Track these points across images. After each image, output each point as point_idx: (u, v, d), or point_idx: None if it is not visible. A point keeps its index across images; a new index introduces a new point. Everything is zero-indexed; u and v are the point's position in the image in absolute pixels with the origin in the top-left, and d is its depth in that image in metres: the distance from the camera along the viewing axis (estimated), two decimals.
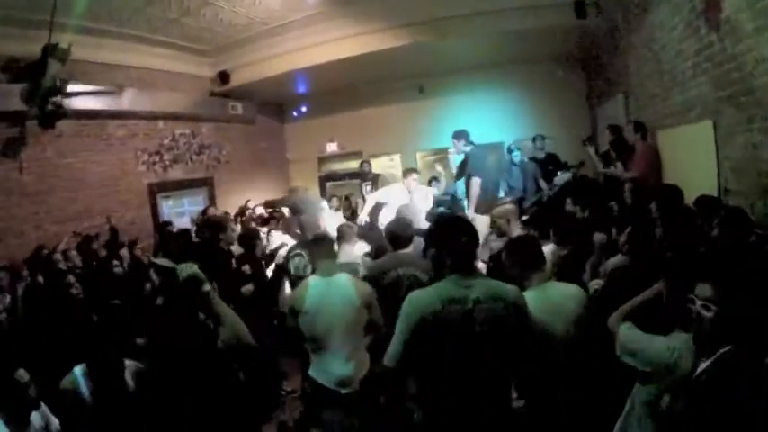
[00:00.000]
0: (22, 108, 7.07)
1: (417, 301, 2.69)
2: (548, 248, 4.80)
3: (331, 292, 3.80)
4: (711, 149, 5.35)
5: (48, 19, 6.45)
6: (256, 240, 6.49)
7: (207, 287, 2.80)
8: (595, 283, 4.19)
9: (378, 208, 7.75)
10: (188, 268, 2.79)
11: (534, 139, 9.74)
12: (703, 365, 2.28)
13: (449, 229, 2.89)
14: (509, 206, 5.28)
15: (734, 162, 5.02)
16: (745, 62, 4.44)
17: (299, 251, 5.02)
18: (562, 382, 3.04)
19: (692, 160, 5.84)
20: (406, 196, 7.69)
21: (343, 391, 3.74)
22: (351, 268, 4.65)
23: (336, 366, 3.78)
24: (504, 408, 2.78)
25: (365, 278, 4.36)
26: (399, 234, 4.60)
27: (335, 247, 4.68)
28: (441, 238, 2.98)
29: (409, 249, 4.62)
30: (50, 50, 6.85)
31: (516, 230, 4.86)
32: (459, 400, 2.62)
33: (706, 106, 5.39)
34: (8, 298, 5.46)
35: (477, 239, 2.91)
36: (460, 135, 8.21)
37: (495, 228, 5.09)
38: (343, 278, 3.93)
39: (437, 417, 2.69)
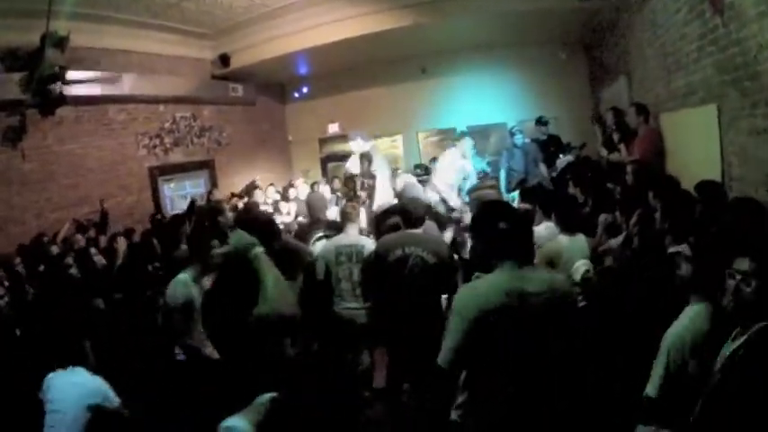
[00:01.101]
0: (21, 97, 7.04)
1: (472, 297, 2.54)
2: (542, 226, 4.83)
3: None
4: (715, 134, 5.31)
5: (43, 8, 6.39)
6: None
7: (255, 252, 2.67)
8: (583, 264, 4.21)
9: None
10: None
11: (537, 121, 9.67)
12: (740, 340, 2.32)
13: (490, 216, 2.68)
14: (489, 191, 5.31)
15: (737, 147, 4.98)
16: (749, 47, 4.39)
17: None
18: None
19: (696, 144, 5.79)
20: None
21: None
22: (356, 249, 4.79)
23: None
24: (565, 401, 2.64)
25: (372, 255, 4.47)
26: (411, 212, 4.60)
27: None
28: (481, 226, 2.78)
29: (419, 230, 4.60)
30: (48, 38, 6.79)
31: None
32: (518, 396, 2.51)
33: (710, 90, 5.34)
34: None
35: (522, 226, 2.70)
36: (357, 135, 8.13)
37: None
38: None
39: (492, 414, 2.58)
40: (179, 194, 10.59)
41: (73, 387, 3.67)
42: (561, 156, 8.74)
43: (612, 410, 3.03)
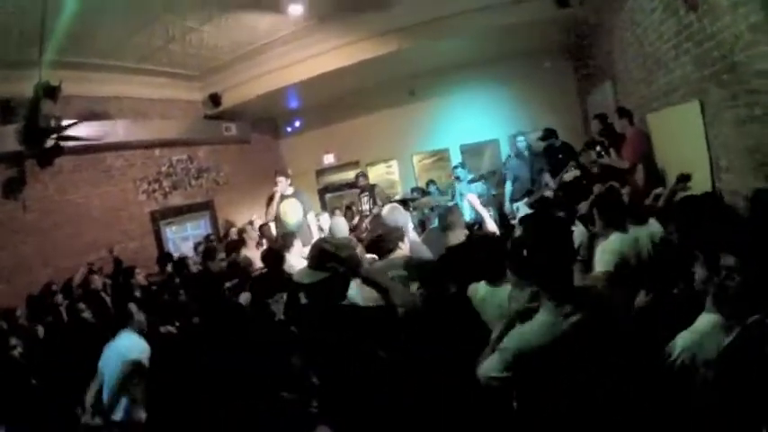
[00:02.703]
0: (18, 148, 7.14)
1: (518, 339, 2.53)
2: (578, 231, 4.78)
3: None
4: (700, 129, 5.38)
5: (35, 59, 6.52)
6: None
7: None
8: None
9: None
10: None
11: (545, 135, 9.59)
12: (731, 336, 2.34)
13: (534, 238, 2.63)
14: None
15: (723, 139, 5.05)
16: (725, 39, 4.48)
17: None
18: None
19: (683, 141, 5.87)
20: None
21: None
22: None
23: None
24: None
25: None
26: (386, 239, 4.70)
27: None
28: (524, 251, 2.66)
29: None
30: (41, 89, 6.91)
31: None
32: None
33: (690, 86, 5.43)
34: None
35: (569, 250, 2.64)
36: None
37: None
38: None
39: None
40: (180, 236, 10.65)
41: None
42: (566, 170, 8.60)
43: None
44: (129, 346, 4.66)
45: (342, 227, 6.28)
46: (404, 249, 4.69)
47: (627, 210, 4.42)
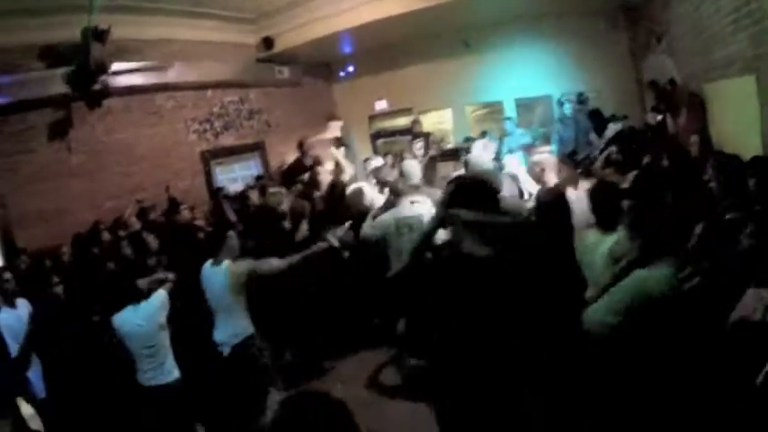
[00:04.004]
0: (64, 91, 7.32)
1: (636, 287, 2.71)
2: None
3: None
4: (755, 104, 5.27)
5: (82, 3, 6.61)
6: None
7: None
8: None
9: None
10: None
11: (578, 99, 9.48)
12: None
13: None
14: (547, 156, 5.33)
15: None
16: None
17: None
18: None
19: (737, 115, 5.75)
20: None
21: None
22: (416, 219, 5.04)
23: None
24: None
25: None
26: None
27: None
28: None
29: None
30: (90, 33, 7.04)
31: (552, 180, 4.95)
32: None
33: (746, 62, 5.30)
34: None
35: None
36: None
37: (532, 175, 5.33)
38: None
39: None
40: (228, 177, 10.80)
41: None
42: (610, 125, 8.55)
43: None
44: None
45: (416, 170, 6.26)
46: None
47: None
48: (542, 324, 2.65)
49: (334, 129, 8.37)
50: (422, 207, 5.27)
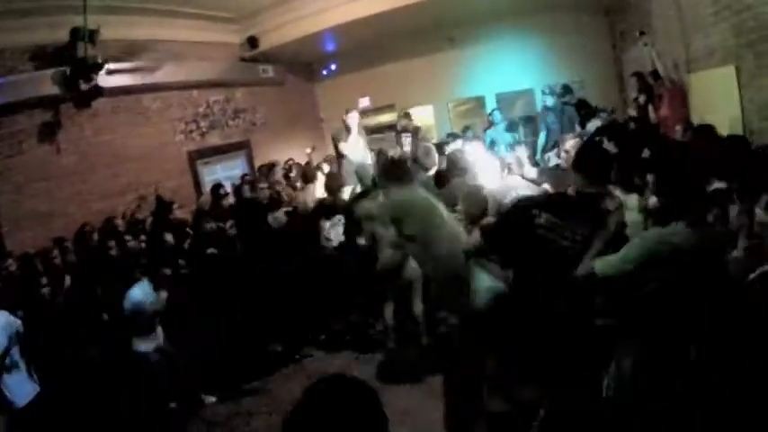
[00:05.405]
0: (54, 92, 7.34)
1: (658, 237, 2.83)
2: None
3: None
4: (735, 93, 5.43)
5: (69, 4, 6.66)
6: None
7: None
8: None
9: None
10: None
11: (562, 90, 9.62)
12: None
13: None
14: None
15: (757, 105, 5.09)
16: (761, 12, 4.45)
17: None
18: None
19: (718, 103, 5.91)
20: None
21: None
22: None
23: None
24: None
25: None
26: None
27: None
28: None
29: None
30: (79, 33, 7.06)
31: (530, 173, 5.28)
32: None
33: (727, 51, 5.45)
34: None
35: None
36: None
37: None
38: None
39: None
40: (212, 179, 10.79)
41: None
42: (592, 120, 8.70)
43: None
44: None
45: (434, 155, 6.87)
46: None
47: None
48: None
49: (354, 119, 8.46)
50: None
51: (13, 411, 4.72)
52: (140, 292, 5.44)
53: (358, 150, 8.33)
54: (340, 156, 8.55)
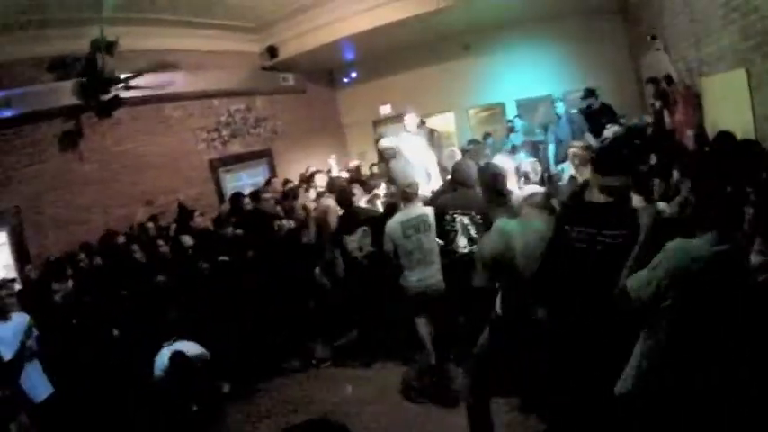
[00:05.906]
0: (75, 102, 7.51)
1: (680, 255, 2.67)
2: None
3: None
4: (746, 97, 5.33)
5: (88, 16, 6.81)
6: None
7: None
8: None
9: None
10: None
11: (585, 93, 9.51)
12: None
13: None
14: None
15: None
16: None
17: None
18: None
19: (730, 107, 5.83)
20: None
21: None
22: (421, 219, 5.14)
23: None
24: None
25: None
26: None
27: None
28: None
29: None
30: (99, 44, 7.21)
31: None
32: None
33: (738, 55, 5.37)
34: (70, 283, 5.94)
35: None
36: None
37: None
38: None
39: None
40: (235, 186, 10.91)
41: None
42: (608, 126, 8.60)
43: None
44: None
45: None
46: None
47: None
48: None
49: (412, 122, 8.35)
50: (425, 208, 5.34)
51: (34, 407, 4.81)
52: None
53: (418, 152, 8.20)
54: (382, 159, 8.49)
